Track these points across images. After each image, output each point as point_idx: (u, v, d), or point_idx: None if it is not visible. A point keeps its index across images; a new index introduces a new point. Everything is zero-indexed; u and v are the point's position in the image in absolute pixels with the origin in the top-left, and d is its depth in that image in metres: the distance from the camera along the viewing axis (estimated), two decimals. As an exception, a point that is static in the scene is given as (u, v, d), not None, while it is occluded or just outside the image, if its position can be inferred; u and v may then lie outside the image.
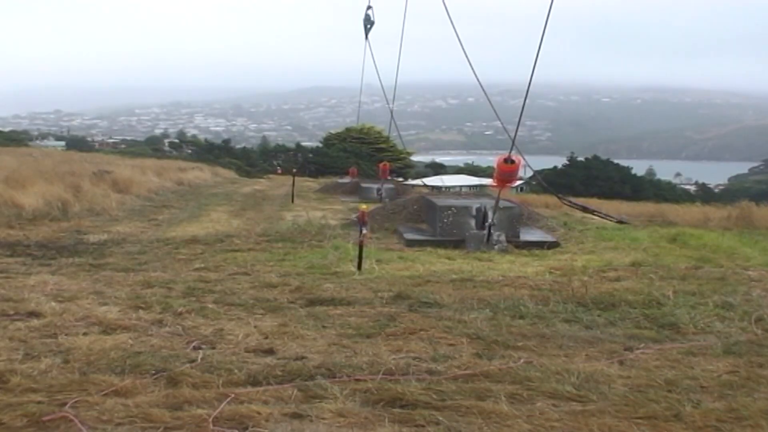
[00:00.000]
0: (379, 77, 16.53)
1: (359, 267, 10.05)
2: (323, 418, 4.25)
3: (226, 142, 76.01)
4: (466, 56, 12.59)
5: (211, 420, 4.15)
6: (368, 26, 16.23)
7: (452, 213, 14.00)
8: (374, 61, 16.48)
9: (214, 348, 5.80)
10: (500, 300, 7.83)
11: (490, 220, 13.37)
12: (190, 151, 68.37)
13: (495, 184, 13.64)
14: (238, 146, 79.99)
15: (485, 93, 13.48)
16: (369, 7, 15.88)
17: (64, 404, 4.36)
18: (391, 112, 19.20)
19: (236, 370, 5.09)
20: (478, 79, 12.82)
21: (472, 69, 12.62)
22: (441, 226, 13.97)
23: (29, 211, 15.51)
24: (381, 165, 29.33)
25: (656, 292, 8.35)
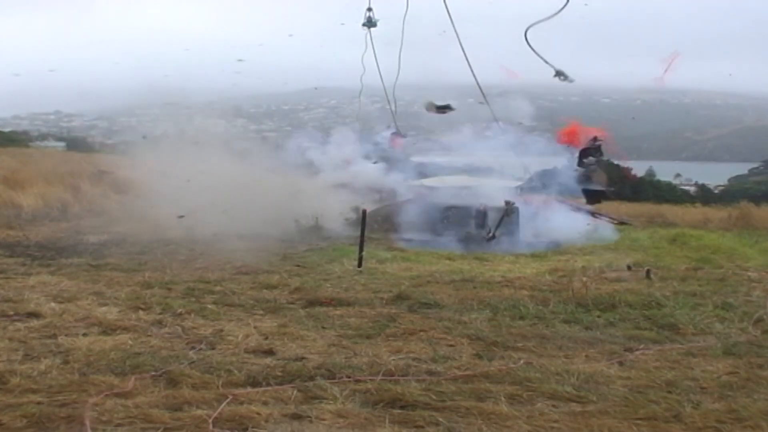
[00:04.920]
0: (381, 78, 16.52)
1: (360, 264, 10.06)
2: (323, 419, 4.25)
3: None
4: (466, 57, 12.61)
5: (210, 421, 4.14)
6: (368, 27, 16.22)
7: (452, 213, 14.01)
8: (376, 62, 16.43)
9: (213, 349, 5.80)
10: (500, 301, 7.83)
11: (489, 221, 13.39)
12: (190, 152, 68.33)
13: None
14: (238, 147, 79.82)
15: (483, 95, 13.51)
16: (369, 9, 15.88)
17: (64, 405, 4.35)
18: (392, 113, 19.16)
19: (236, 371, 5.09)
20: (477, 81, 12.85)
21: (472, 70, 12.64)
22: (441, 226, 13.97)
23: (29, 212, 15.50)
24: None
25: (656, 292, 8.35)
